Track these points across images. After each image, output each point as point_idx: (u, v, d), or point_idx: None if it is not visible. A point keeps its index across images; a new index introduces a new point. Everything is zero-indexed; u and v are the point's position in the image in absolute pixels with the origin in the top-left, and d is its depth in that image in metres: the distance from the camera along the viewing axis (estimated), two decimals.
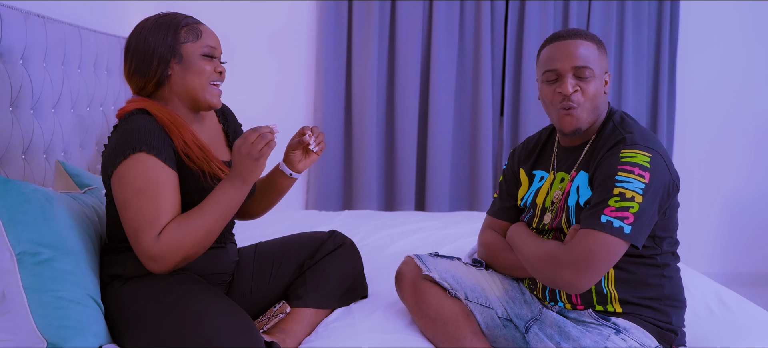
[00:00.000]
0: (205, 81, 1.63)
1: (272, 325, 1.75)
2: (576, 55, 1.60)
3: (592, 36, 1.65)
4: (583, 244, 1.48)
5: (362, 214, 3.12)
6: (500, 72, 3.78)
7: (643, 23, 3.77)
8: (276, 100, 3.76)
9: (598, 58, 1.63)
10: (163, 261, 1.48)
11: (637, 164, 1.50)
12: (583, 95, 1.62)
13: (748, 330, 1.80)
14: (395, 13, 3.65)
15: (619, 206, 1.47)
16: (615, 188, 1.48)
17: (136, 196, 1.48)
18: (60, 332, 1.42)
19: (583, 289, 1.50)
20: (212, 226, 1.52)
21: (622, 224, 1.46)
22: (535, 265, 1.59)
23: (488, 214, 1.92)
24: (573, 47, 1.61)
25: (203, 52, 1.63)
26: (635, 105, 3.83)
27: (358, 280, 1.96)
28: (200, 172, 1.58)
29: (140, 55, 1.60)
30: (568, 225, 1.63)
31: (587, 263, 1.47)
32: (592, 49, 1.62)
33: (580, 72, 1.60)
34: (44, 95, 2.07)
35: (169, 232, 1.48)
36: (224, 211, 1.54)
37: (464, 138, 3.81)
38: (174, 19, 1.64)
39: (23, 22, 1.94)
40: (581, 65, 1.60)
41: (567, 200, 1.64)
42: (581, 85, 1.61)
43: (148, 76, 1.60)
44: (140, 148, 1.49)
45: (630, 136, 1.56)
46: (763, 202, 4.00)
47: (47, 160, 2.09)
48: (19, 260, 1.44)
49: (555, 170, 1.75)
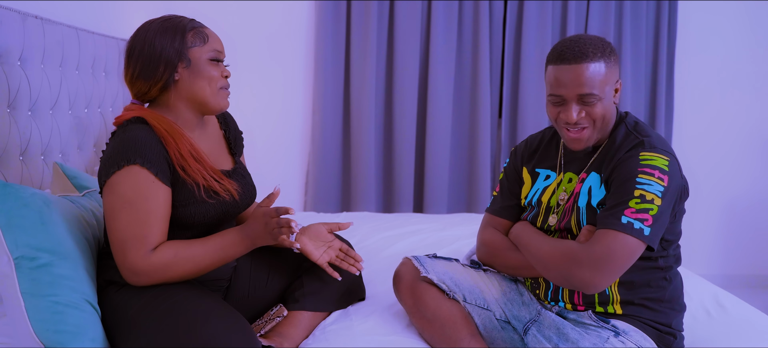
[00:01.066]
0: (215, 87, 1.63)
1: (269, 329, 1.75)
2: (581, 82, 1.55)
3: (601, 49, 1.57)
4: (603, 244, 1.47)
5: (360, 215, 3.12)
6: (498, 73, 3.79)
7: (641, 24, 3.77)
8: (274, 102, 3.76)
9: (606, 75, 1.57)
10: (145, 277, 1.50)
11: (658, 167, 1.50)
12: (589, 118, 1.59)
13: (745, 332, 1.81)
14: (393, 13, 3.65)
15: (639, 208, 1.47)
16: (636, 190, 1.49)
17: (124, 208, 1.48)
18: (57, 337, 1.42)
19: (599, 289, 1.49)
20: (206, 266, 1.55)
21: (643, 226, 1.46)
22: (550, 264, 1.57)
23: (488, 212, 1.90)
24: (579, 73, 1.55)
25: (210, 57, 1.63)
26: (634, 107, 3.83)
27: (356, 283, 1.96)
28: (194, 185, 1.58)
29: (146, 58, 1.58)
30: (577, 226, 1.63)
31: (606, 263, 1.47)
32: (599, 69, 1.55)
33: (586, 98, 1.56)
34: (42, 97, 2.07)
35: (164, 254, 1.50)
36: (223, 258, 1.56)
37: (462, 139, 3.81)
38: (180, 23, 1.62)
39: (21, 24, 1.94)
40: (586, 93, 1.56)
41: (577, 201, 1.64)
42: (587, 110, 1.58)
43: (153, 80, 1.59)
44: (134, 161, 1.49)
45: (648, 140, 1.57)
46: (761, 204, 4.00)
47: (45, 162, 2.09)
48: (17, 265, 1.43)
49: (563, 170, 1.74)
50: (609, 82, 1.58)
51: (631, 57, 3.80)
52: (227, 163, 1.77)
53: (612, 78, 1.60)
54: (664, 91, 3.79)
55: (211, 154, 1.70)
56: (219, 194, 1.61)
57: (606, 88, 1.58)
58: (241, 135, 1.90)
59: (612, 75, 1.59)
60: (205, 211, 1.60)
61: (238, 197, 1.68)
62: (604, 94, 1.57)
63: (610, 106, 1.62)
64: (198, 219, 1.59)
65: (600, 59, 1.56)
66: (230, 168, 1.76)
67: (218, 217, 1.64)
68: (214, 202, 1.61)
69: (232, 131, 1.86)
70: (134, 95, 1.65)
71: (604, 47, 1.58)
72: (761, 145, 3.97)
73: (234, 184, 1.68)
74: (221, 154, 1.77)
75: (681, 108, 3.91)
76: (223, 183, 1.63)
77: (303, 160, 3.84)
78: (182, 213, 1.57)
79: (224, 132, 1.83)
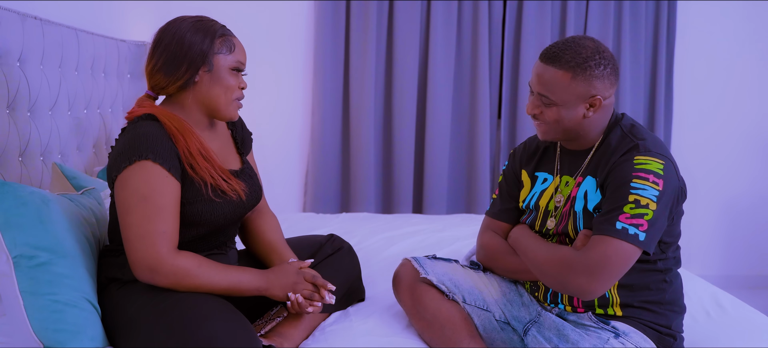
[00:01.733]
0: (230, 97, 1.64)
1: (270, 329, 1.74)
2: (539, 81, 1.59)
3: (578, 61, 1.55)
4: (598, 250, 1.47)
5: (360, 216, 3.12)
6: (498, 74, 3.79)
7: (640, 24, 3.77)
8: (273, 102, 3.76)
9: (571, 86, 1.55)
10: (161, 276, 1.49)
11: (652, 171, 1.50)
12: (542, 117, 1.61)
13: (745, 333, 1.81)
14: (393, 14, 3.65)
15: (634, 213, 1.47)
16: (630, 195, 1.48)
17: (140, 204, 1.48)
18: (57, 336, 1.42)
19: (595, 295, 1.50)
20: (218, 290, 1.55)
21: (637, 231, 1.46)
22: (546, 270, 1.58)
23: (487, 215, 1.89)
24: (542, 71, 1.59)
25: (232, 67, 1.64)
26: (633, 107, 3.83)
27: (356, 284, 1.96)
28: (202, 183, 1.58)
29: (171, 54, 1.59)
30: (574, 230, 1.63)
31: (602, 269, 1.47)
32: (560, 78, 1.55)
33: (542, 98, 1.59)
34: (41, 97, 2.07)
35: (187, 261, 1.51)
36: (236, 290, 1.58)
37: (462, 140, 3.81)
38: (212, 27, 1.63)
39: (20, 24, 1.94)
40: (540, 92, 1.59)
41: (573, 205, 1.64)
42: (542, 109, 1.61)
43: (174, 76, 1.59)
44: (146, 156, 1.49)
45: (643, 143, 1.55)
46: (760, 204, 4.01)
47: (44, 163, 2.09)
48: (16, 263, 1.43)
49: (560, 173, 1.74)
50: (575, 94, 1.56)
51: (631, 57, 3.80)
52: (235, 163, 1.78)
53: (581, 91, 1.56)
54: (663, 91, 3.80)
55: (219, 154, 1.71)
56: (226, 193, 1.62)
57: (568, 98, 1.56)
58: (249, 135, 1.91)
59: (581, 88, 1.56)
60: (212, 210, 1.60)
61: (244, 197, 1.69)
62: (562, 102, 1.57)
63: (574, 117, 1.59)
64: (205, 217, 1.60)
65: (569, 70, 1.55)
66: (238, 168, 1.77)
67: (225, 216, 1.64)
68: (220, 201, 1.61)
69: (240, 131, 1.87)
70: (150, 87, 1.65)
71: (584, 60, 1.55)
72: (760, 146, 3.97)
73: (241, 184, 1.68)
74: (230, 154, 1.78)
75: (680, 108, 3.92)
76: (230, 182, 1.64)
77: (302, 161, 3.84)
78: (189, 211, 1.58)
79: (232, 132, 1.84)
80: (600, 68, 1.56)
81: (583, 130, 1.64)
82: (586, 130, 1.64)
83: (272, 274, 1.64)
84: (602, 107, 1.60)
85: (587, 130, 1.64)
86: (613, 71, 1.59)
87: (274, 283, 1.63)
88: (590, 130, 1.64)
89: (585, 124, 1.62)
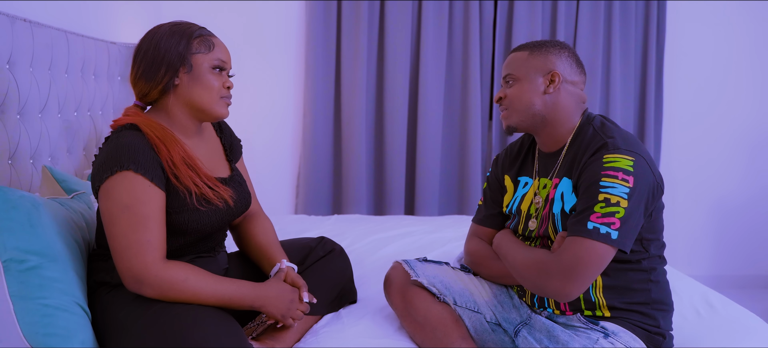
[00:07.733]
0: (215, 96, 1.63)
1: (261, 332, 1.74)
2: (505, 66, 1.74)
3: (535, 44, 1.72)
4: (570, 252, 1.48)
5: (351, 218, 3.12)
6: (489, 75, 3.80)
7: (630, 24, 3.79)
8: (264, 104, 3.75)
9: (526, 61, 1.69)
10: (148, 287, 1.48)
11: (621, 169, 1.50)
12: (506, 99, 1.71)
13: (734, 332, 1.82)
14: (384, 14, 3.66)
15: (604, 212, 1.47)
16: (600, 194, 1.49)
17: (123, 213, 1.47)
18: (47, 340, 1.41)
19: (572, 297, 1.50)
20: (207, 302, 1.53)
21: (609, 230, 1.47)
22: (524, 274, 1.60)
23: (473, 222, 1.92)
24: (507, 59, 1.74)
25: (213, 65, 1.62)
26: (623, 108, 3.85)
27: (348, 287, 1.96)
28: (186, 192, 1.57)
29: (149, 60, 1.59)
30: (555, 232, 1.64)
31: (576, 271, 1.47)
32: (520, 57, 1.70)
33: (507, 78, 1.72)
34: (31, 100, 2.06)
35: (176, 272, 1.49)
36: (227, 303, 1.56)
37: (453, 141, 3.82)
38: (188, 29, 1.62)
39: (9, 27, 1.93)
40: (505, 74, 1.73)
41: (552, 208, 1.65)
42: (506, 91, 1.72)
43: (153, 82, 1.59)
44: (127, 167, 1.48)
45: (612, 141, 1.56)
46: (750, 204, 4.03)
47: (34, 166, 2.08)
48: (6, 267, 1.43)
49: (538, 176, 1.75)
50: (533, 67, 1.68)
51: (621, 57, 3.82)
52: (224, 171, 1.77)
53: (539, 64, 1.68)
54: (653, 91, 3.81)
55: (207, 161, 1.70)
56: (211, 202, 1.61)
57: (526, 71, 1.68)
58: (238, 142, 1.89)
59: (539, 62, 1.68)
60: (198, 219, 1.59)
61: (232, 204, 1.68)
62: (522, 75, 1.68)
63: (534, 91, 1.67)
64: (191, 226, 1.59)
65: (527, 49, 1.71)
66: (227, 175, 1.76)
67: (211, 225, 1.63)
68: (206, 210, 1.60)
69: (228, 137, 1.86)
70: (137, 96, 1.65)
71: (542, 43, 1.71)
72: (749, 146, 4.00)
73: (229, 191, 1.67)
74: (219, 161, 1.77)
75: (670, 108, 3.94)
76: (217, 190, 1.63)
77: (294, 163, 3.84)
78: (176, 220, 1.57)
79: (220, 138, 1.83)
80: (557, 49, 1.70)
81: (549, 116, 1.67)
82: (552, 118, 1.67)
83: (269, 292, 1.62)
84: (564, 89, 1.67)
85: (553, 117, 1.67)
86: (575, 60, 1.71)
87: (271, 303, 1.62)
88: (556, 118, 1.67)
89: (550, 109, 1.66)
